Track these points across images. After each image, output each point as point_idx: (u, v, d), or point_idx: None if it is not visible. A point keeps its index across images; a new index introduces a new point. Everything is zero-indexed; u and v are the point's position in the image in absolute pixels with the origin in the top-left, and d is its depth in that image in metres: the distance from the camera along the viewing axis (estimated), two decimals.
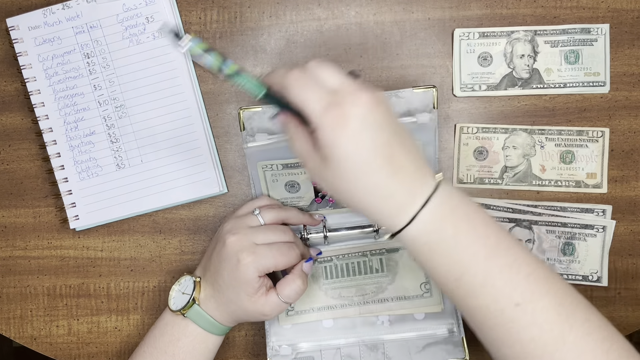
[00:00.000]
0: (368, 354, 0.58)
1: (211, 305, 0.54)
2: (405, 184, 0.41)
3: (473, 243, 0.41)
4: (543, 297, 0.41)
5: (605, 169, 0.61)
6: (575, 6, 0.61)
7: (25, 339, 0.63)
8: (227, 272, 0.52)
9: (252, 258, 0.51)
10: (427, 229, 0.41)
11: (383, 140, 0.41)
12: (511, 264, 0.41)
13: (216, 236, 0.56)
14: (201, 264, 0.57)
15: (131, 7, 0.61)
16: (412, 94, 0.57)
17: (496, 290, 0.41)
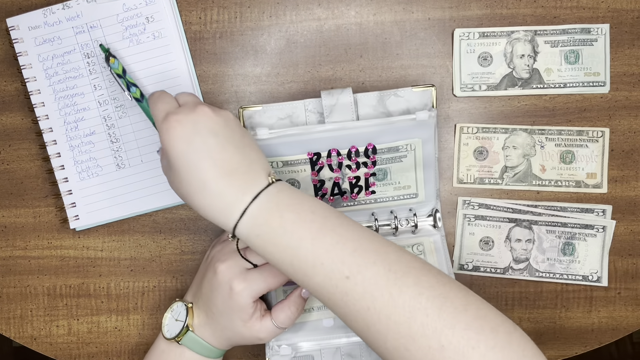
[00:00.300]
0: (368, 353, 0.58)
1: (206, 331, 0.53)
2: (234, 184, 0.45)
3: (299, 229, 0.45)
4: (370, 267, 0.43)
5: (605, 169, 0.61)
6: (575, 6, 0.61)
7: (25, 339, 0.63)
8: (220, 300, 0.52)
9: (244, 285, 0.51)
10: (257, 222, 0.45)
11: (215, 144, 0.45)
12: (336, 242, 0.44)
13: (205, 262, 0.55)
14: (191, 289, 0.56)
15: (131, 7, 0.61)
16: (411, 93, 0.58)
17: (325, 268, 0.44)
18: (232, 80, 0.62)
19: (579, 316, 0.62)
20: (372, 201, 0.60)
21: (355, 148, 0.57)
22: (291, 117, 0.58)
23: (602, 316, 0.62)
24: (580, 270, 0.61)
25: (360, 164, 0.58)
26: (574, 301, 0.62)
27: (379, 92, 0.57)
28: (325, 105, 0.57)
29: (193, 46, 0.62)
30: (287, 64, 0.62)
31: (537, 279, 0.61)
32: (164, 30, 0.61)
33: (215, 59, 0.62)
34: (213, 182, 0.45)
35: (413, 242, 0.60)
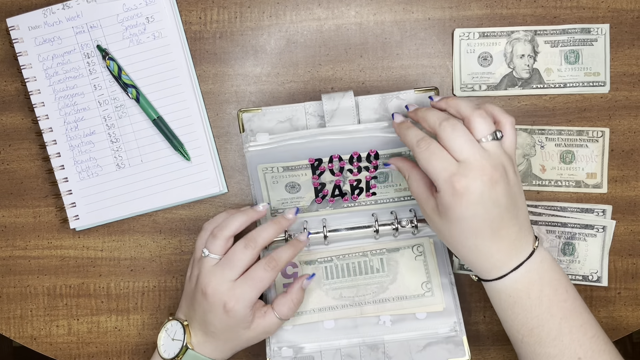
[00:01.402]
0: (368, 354, 0.58)
1: (207, 348, 0.54)
2: (504, 250, 0.48)
3: (553, 305, 0.49)
4: (601, 355, 0.48)
5: (605, 169, 0.61)
6: (575, 6, 0.61)
7: (25, 338, 0.63)
8: (217, 320, 0.52)
9: (236, 300, 0.51)
10: (515, 287, 0.49)
11: (495, 214, 0.46)
12: (580, 326, 0.49)
13: (190, 283, 0.55)
14: (181, 308, 0.56)
15: (131, 7, 0.61)
16: (413, 95, 0.57)
17: (564, 345, 0.48)
18: (232, 80, 0.62)
19: None
20: (373, 202, 0.60)
21: (357, 154, 0.57)
22: (291, 120, 0.58)
23: (602, 316, 0.62)
24: (580, 270, 0.61)
25: (362, 168, 0.58)
26: None
27: (380, 95, 0.57)
28: (327, 110, 0.56)
29: (193, 46, 0.62)
30: (287, 64, 0.62)
31: None
32: (164, 30, 0.61)
33: (215, 59, 0.62)
34: (485, 247, 0.48)
35: (413, 243, 0.60)
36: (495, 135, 0.47)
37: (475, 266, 0.50)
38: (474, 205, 0.46)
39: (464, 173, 0.45)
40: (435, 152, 0.47)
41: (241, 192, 0.62)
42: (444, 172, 0.46)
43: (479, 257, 0.49)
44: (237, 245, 0.53)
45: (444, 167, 0.46)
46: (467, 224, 0.47)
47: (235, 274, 0.52)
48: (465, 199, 0.45)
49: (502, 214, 0.47)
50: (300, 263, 0.60)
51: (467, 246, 0.48)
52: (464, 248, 0.49)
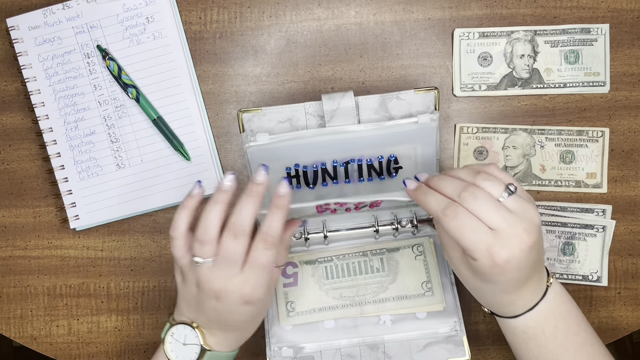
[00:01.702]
0: (368, 354, 0.58)
1: (228, 343, 0.51)
2: (524, 296, 0.49)
3: (567, 340, 0.50)
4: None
5: (605, 168, 0.61)
6: (575, 6, 0.61)
7: (25, 338, 0.63)
8: (240, 315, 0.49)
9: (252, 288, 0.48)
10: (530, 324, 0.50)
11: (526, 273, 0.47)
12: (592, 357, 0.50)
13: (191, 290, 0.50)
14: (182, 311, 0.51)
15: (131, 7, 0.61)
16: (413, 95, 0.57)
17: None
18: (232, 80, 0.62)
19: None
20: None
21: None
22: (291, 120, 0.58)
23: (602, 316, 0.62)
24: (580, 270, 0.61)
25: (367, 205, 0.59)
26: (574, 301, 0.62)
27: (380, 95, 0.57)
28: (327, 110, 0.56)
29: (193, 46, 0.62)
30: (287, 64, 0.62)
31: None
32: (164, 30, 0.61)
33: (215, 59, 0.62)
34: (509, 298, 0.49)
35: (413, 243, 0.60)
36: (510, 190, 0.46)
37: (492, 307, 0.51)
38: (512, 272, 0.46)
39: (502, 244, 0.44)
40: (465, 222, 0.45)
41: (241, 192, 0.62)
42: (480, 244, 0.45)
43: (501, 302, 0.50)
44: (226, 240, 0.48)
45: (479, 239, 0.45)
46: (501, 285, 0.48)
47: (239, 267, 0.48)
48: (505, 269, 0.45)
49: (530, 271, 0.48)
50: (300, 263, 0.60)
51: (495, 296, 0.50)
52: (490, 297, 0.50)
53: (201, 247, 0.48)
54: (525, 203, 0.46)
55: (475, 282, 0.49)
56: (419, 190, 0.49)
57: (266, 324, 0.59)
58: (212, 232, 0.49)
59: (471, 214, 0.45)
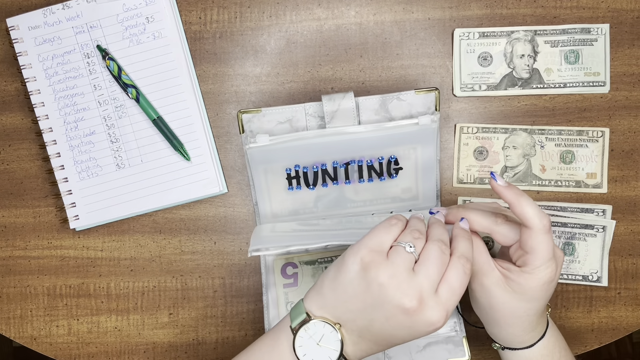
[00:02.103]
0: None
1: (362, 354, 0.46)
2: (542, 321, 0.52)
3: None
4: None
5: (605, 169, 0.61)
6: (575, 6, 0.61)
7: (25, 339, 0.63)
8: (412, 336, 0.44)
9: (445, 313, 0.43)
10: (543, 352, 0.52)
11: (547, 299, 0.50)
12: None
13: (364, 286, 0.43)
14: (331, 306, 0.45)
15: (131, 7, 0.61)
16: (413, 96, 0.57)
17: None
18: (232, 80, 0.62)
19: (579, 316, 0.62)
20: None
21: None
22: (291, 121, 0.58)
23: (602, 316, 0.62)
24: (580, 270, 0.61)
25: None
26: (574, 301, 0.62)
27: (381, 96, 0.57)
28: (327, 111, 0.56)
29: (193, 46, 0.62)
30: (287, 64, 0.62)
31: None
32: (164, 30, 0.61)
33: (215, 59, 0.62)
34: (534, 317, 0.51)
35: None
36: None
37: (511, 339, 0.52)
38: (550, 289, 0.49)
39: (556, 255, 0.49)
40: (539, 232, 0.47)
41: (241, 192, 0.62)
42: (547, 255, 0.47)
43: (522, 329, 0.51)
44: (434, 249, 0.44)
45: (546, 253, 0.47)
46: (535, 304, 0.49)
47: (436, 283, 0.43)
48: (550, 283, 0.48)
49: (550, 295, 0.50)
50: (300, 263, 0.60)
51: (498, 331, 0.52)
52: (512, 326, 0.51)
53: (416, 239, 0.45)
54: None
55: (509, 299, 0.49)
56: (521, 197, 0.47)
57: (266, 324, 0.59)
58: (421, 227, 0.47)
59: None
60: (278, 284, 0.60)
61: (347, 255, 0.45)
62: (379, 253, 0.44)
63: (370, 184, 0.59)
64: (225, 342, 0.62)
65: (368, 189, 0.59)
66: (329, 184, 0.59)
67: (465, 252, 0.46)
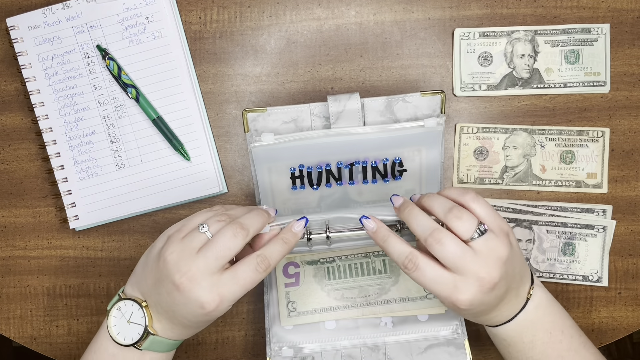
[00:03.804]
0: (369, 355, 0.58)
1: (174, 332, 0.48)
2: (502, 312, 0.49)
3: (547, 347, 0.49)
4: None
5: (605, 169, 0.61)
6: (575, 6, 0.61)
7: (25, 339, 0.63)
8: (193, 315, 0.46)
9: (220, 299, 0.45)
10: (508, 333, 0.50)
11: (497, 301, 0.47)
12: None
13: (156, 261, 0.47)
14: (139, 282, 0.49)
15: (131, 7, 0.61)
16: (419, 98, 0.57)
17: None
18: (232, 80, 0.62)
19: (579, 316, 0.62)
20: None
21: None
22: (296, 120, 0.57)
23: (602, 316, 0.62)
24: (581, 270, 0.61)
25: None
26: (574, 301, 0.62)
27: (386, 98, 0.57)
28: (332, 112, 0.56)
29: (193, 46, 0.62)
30: (287, 63, 0.62)
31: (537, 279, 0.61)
32: (164, 30, 0.61)
33: (215, 58, 0.62)
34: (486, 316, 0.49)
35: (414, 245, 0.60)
36: (480, 231, 0.46)
37: (473, 318, 0.51)
38: (477, 307, 0.47)
39: (464, 290, 0.46)
40: (427, 273, 0.46)
41: (241, 192, 0.62)
42: (444, 292, 0.46)
43: (481, 319, 0.51)
44: (226, 231, 0.46)
45: (441, 289, 0.46)
46: (471, 313, 0.48)
47: (219, 266, 0.45)
48: (470, 309, 0.47)
49: (503, 295, 0.48)
50: (302, 263, 0.60)
51: (470, 317, 0.51)
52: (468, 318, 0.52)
53: (217, 221, 0.47)
54: (494, 239, 0.46)
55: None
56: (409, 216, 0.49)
57: (266, 324, 0.59)
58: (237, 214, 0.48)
59: (433, 263, 0.46)
60: (279, 283, 0.60)
61: (161, 234, 0.49)
62: (181, 232, 0.47)
63: (374, 185, 0.59)
64: (225, 342, 0.62)
65: (372, 190, 0.59)
66: (332, 185, 0.59)
67: (267, 252, 0.48)
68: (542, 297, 0.50)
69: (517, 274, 0.49)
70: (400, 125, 0.56)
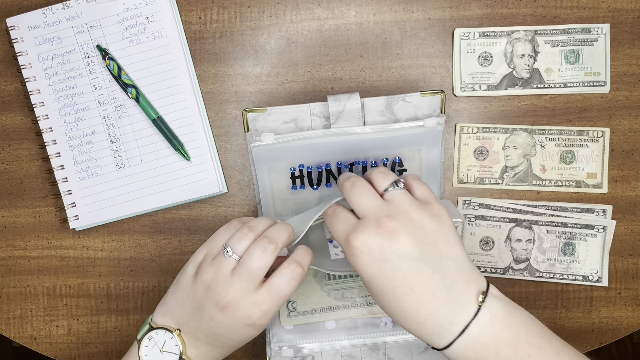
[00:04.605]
0: (369, 355, 0.58)
1: (212, 356, 0.49)
2: (439, 312, 0.43)
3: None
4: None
5: (605, 169, 0.61)
6: (575, 6, 0.61)
7: (25, 339, 0.63)
8: (237, 334, 0.47)
9: (262, 314, 0.46)
10: (467, 355, 0.43)
11: (406, 269, 0.43)
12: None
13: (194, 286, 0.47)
14: (172, 312, 0.49)
15: (131, 7, 0.61)
16: (419, 98, 0.57)
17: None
18: (232, 80, 0.62)
19: (579, 316, 0.62)
20: None
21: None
22: (296, 120, 0.58)
23: (602, 316, 0.62)
24: (581, 270, 0.61)
25: None
26: (574, 301, 0.62)
27: (386, 98, 0.57)
28: (332, 112, 0.56)
29: (193, 46, 0.62)
30: (287, 63, 0.62)
31: (537, 279, 0.61)
32: (164, 30, 0.61)
33: (215, 58, 0.62)
34: (414, 311, 0.43)
35: None
36: (396, 185, 0.45)
37: (417, 334, 0.45)
38: (377, 263, 0.43)
39: (360, 229, 0.43)
40: (337, 216, 0.46)
41: (241, 192, 0.62)
42: (343, 233, 0.45)
43: (416, 325, 0.44)
44: (255, 249, 0.46)
45: (343, 229, 0.45)
46: (378, 284, 0.43)
47: (256, 284, 0.46)
48: (365, 256, 0.43)
49: (416, 266, 0.43)
50: None
51: (398, 313, 0.44)
52: (394, 314, 0.45)
53: (240, 239, 0.47)
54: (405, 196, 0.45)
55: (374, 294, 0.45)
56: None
57: None
58: (259, 229, 0.48)
59: (343, 209, 0.46)
60: None
61: (189, 261, 0.49)
62: (208, 256, 0.48)
63: None
64: None
65: None
66: (332, 184, 0.59)
67: (298, 258, 0.48)
68: (500, 307, 0.44)
69: (448, 259, 0.44)
70: (400, 125, 0.56)
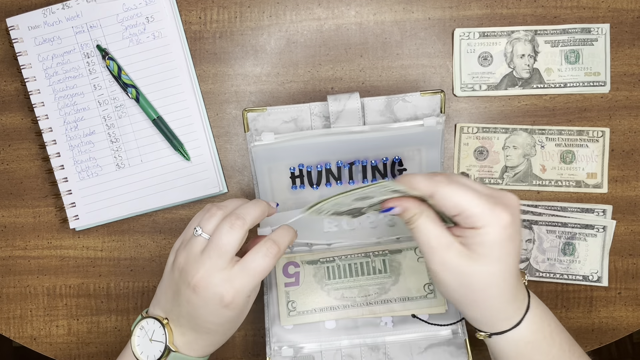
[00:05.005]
0: (369, 355, 0.58)
1: (199, 347, 0.49)
2: (518, 296, 0.46)
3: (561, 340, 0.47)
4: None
5: (605, 168, 0.61)
6: (575, 6, 0.61)
7: (25, 339, 0.63)
8: (214, 316, 0.47)
9: (235, 292, 0.45)
10: (533, 328, 0.46)
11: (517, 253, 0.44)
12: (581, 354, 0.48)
13: (172, 273, 0.48)
14: (159, 301, 0.49)
15: (131, 7, 0.61)
16: (419, 98, 0.57)
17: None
18: (232, 80, 0.62)
19: (579, 316, 0.62)
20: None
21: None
22: (296, 120, 0.58)
23: (602, 316, 0.62)
24: (581, 270, 0.61)
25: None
26: (574, 301, 0.62)
27: (386, 97, 0.57)
28: (332, 111, 0.56)
29: (193, 46, 0.62)
30: (287, 63, 0.62)
31: (537, 279, 0.61)
32: (164, 30, 0.61)
33: (215, 58, 0.62)
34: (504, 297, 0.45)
35: (415, 245, 0.60)
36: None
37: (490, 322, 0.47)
38: (515, 241, 0.43)
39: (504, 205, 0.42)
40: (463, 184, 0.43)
41: (241, 192, 0.62)
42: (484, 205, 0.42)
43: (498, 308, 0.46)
44: (222, 227, 0.46)
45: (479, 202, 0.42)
46: (507, 262, 0.44)
47: (226, 261, 0.45)
48: (511, 235, 0.43)
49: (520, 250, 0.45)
50: (302, 263, 0.60)
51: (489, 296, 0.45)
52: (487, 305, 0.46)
53: (209, 218, 0.47)
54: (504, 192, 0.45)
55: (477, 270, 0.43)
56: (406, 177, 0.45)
57: (266, 323, 0.59)
58: (229, 209, 0.47)
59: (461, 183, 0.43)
60: (279, 282, 0.60)
61: (170, 252, 0.50)
62: (184, 242, 0.48)
63: None
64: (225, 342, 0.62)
65: None
66: (332, 184, 0.59)
67: (275, 237, 0.47)
68: (535, 298, 0.48)
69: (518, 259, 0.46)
70: (400, 125, 0.56)
